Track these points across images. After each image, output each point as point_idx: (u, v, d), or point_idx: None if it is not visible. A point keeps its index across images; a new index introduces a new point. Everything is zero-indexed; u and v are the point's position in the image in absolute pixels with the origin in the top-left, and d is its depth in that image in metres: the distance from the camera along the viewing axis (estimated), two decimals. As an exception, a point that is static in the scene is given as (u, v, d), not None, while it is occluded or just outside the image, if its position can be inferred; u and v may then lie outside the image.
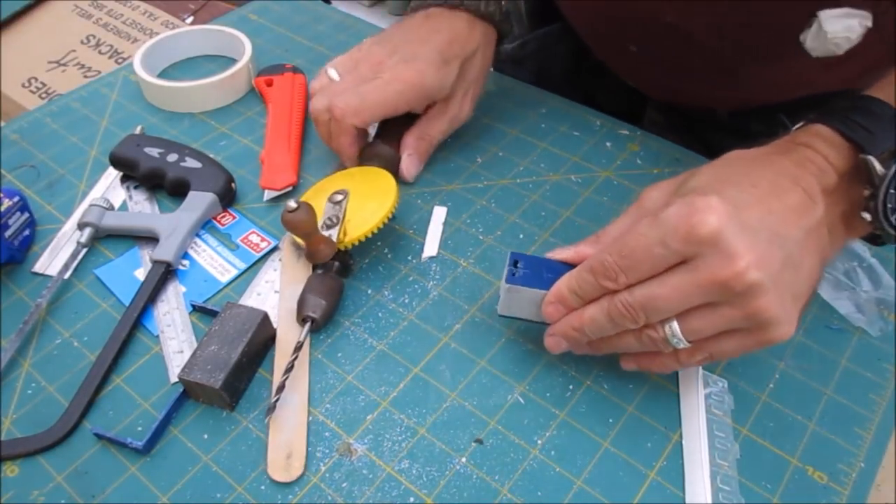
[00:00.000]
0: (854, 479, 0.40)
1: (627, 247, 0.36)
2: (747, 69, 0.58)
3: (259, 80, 0.65)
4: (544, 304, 0.41)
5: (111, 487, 0.39)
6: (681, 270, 0.35)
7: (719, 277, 0.34)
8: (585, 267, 0.38)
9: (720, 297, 0.35)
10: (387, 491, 0.39)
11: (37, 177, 0.57)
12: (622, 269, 0.36)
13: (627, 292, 0.37)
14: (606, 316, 0.38)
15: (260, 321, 0.44)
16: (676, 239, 0.34)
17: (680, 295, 0.35)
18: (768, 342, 0.36)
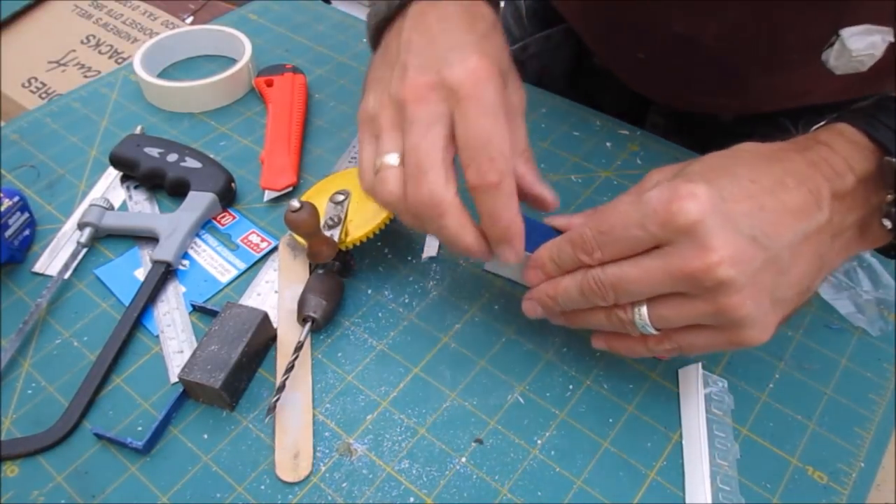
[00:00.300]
0: (854, 479, 0.40)
1: (606, 223, 0.35)
2: (755, 79, 0.58)
3: (259, 80, 0.65)
4: (525, 268, 0.41)
5: (111, 487, 0.39)
6: (654, 255, 0.34)
7: (689, 268, 0.33)
8: (566, 237, 0.38)
9: (690, 288, 0.34)
10: (387, 491, 0.39)
11: (37, 177, 0.57)
12: (598, 244, 0.36)
13: (600, 269, 0.36)
14: (578, 289, 0.37)
15: (260, 321, 0.44)
16: (654, 222, 0.33)
17: (650, 279, 0.34)
18: (739, 343, 0.35)
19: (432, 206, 0.37)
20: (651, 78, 0.65)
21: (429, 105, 0.38)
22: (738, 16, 0.52)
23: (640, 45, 0.60)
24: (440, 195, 0.37)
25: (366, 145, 0.42)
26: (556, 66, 0.72)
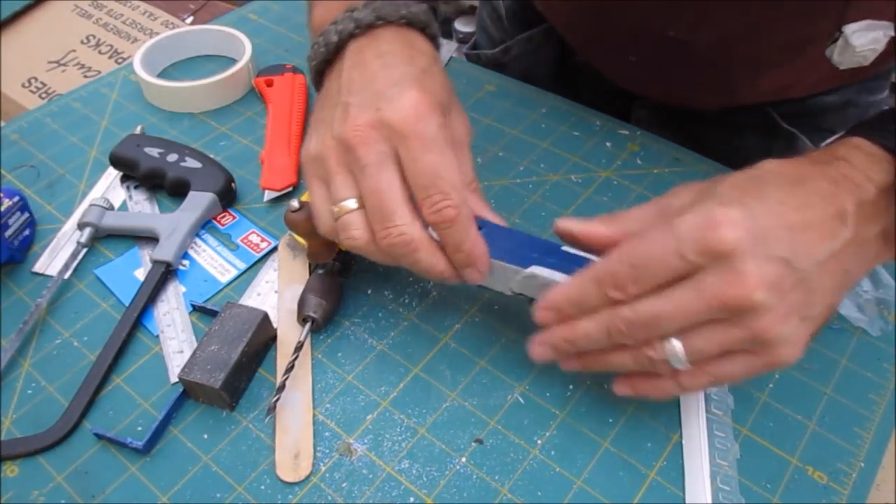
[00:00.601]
0: (854, 479, 0.40)
1: (639, 257, 0.34)
2: (744, 77, 0.59)
3: (259, 80, 0.65)
4: (537, 309, 0.39)
5: (111, 487, 0.39)
6: (689, 286, 0.33)
7: (726, 296, 0.32)
8: (590, 277, 0.36)
9: (724, 315, 0.33)
10: (387, 491, 0.39)
11: (37, 177, 0.57)
12: (633, 279, 0.34)
13: (629, 308, 0.35)
14: (604, 331, 0.36)
15: (260, 321, 0.44)
16: (692, 250, 0.33)
17: (685, 312, 0.34)
18: (774, 364, 0.35)
19: (404, 244, 0.38)
20: (640, 77, 0.66)
21: (375, 145, 0.38)
22: (730, 19, 0.52)
23: (632, 49, 0.60)
24: (410, 234, 0.38)
25: (316, 189, 0.41)
26: (539, 67, 0.72)
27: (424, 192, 0.37)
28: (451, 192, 0.37)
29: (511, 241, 0.41)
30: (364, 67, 0.41)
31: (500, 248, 0.40)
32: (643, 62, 0.61)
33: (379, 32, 0.42)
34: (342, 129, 0.39)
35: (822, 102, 0.64)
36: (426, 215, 0.38)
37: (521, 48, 0.74)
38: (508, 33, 0.76)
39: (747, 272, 0.32)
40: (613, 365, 0.38)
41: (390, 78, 0.39)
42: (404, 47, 0.42)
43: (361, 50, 0.42)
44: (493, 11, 0.77)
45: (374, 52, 0.41)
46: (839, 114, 0.65)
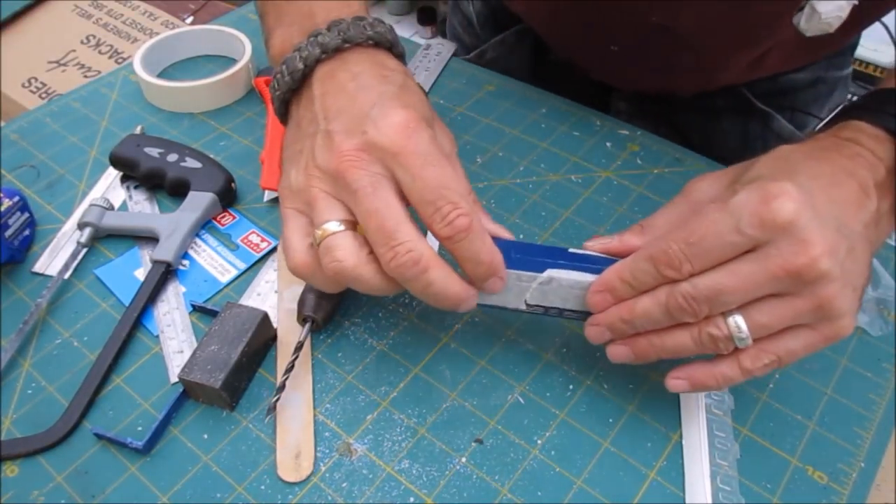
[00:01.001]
0: (854, 479, 0.40)
1: (696, 234, 0.34)
2: (727, 57, 0.59)
3: (259, 80, 0.65)
4: (589, 293, 0.38)
5: (111, 487, 0.39)
6: (751, 258, 0.33)
7: (794, 265, 0.32)
8: (643, 256, 0.36)
9: (790, 286, 0.33)
10: (387, 491, 0.39)
11: (37, 177, 0.57)
12: (688, 257, 0.34)
13: (690, 284, 0.34)
14: (663, 308, 0.35)
15: (260, 321, 0.44)
16: (751, 224, 0.33)
17: (749, 285, 0.33)
18: (834, 337, 0.35)
19: (413, 263, 0.35)
20: (620, 67, 0.66)
21: (367, 167, 0.36)
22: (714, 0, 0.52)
23: (614, 38, 0.61)
24: (419, 250, 0.35)
25: (291, 220, 0.39)
26: (514, 68, 0.72)
27: (432, 207, 0.36)
28: (459, 200, 0.36)
29: (517, 251, 0.40)
30: (339, 91, 0.39)
31: (509, 260, 0.39)
32: (624, 51, 0.61)
33: (346, 55, 0.40)
34: (328, 158, 0.37)
35: (792, 81, 0.66)
36: (438, 230, 0.36)
37: (495, 51, 0.74)
38: (481, 38, 0.76)
39: (812, 241, 0.32)
40: (669, 347, 0.37)
41: (369, 99, 0.38)
42: (375, 67, 0.40)
43: (331, 74, 0.40)
44: (465, 18, 0.78)
45: (347, 75, 0.39)
46: (809, 91, 0.67)
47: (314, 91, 0.40)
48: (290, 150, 0.41)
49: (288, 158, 0.41)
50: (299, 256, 0.38)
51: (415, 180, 0.36)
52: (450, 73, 0.68)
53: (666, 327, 0.37)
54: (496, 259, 0.38)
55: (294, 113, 0.42)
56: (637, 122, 0.63)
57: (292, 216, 0.39)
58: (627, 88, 0.70)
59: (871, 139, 0.38)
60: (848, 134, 0.39)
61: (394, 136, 0.36)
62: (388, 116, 0.36)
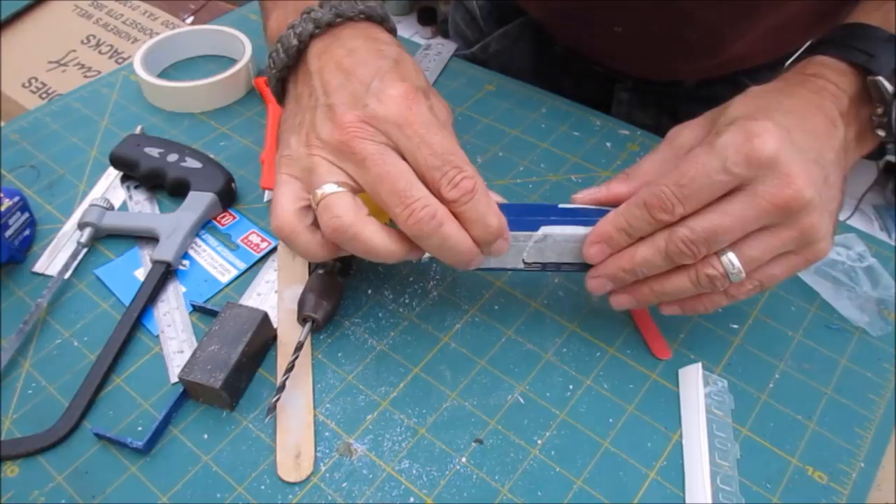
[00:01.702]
0: (854, 479, 0.40)
1: (686, 176, 0.35)
2: (731, 32, 0.59)
3: (259, 80, 0.65)
4: (586, 246, 0.40)
5: (111, 487, 0.39)
6: (740, 197, 0.35)
7: (781, 199, 0.35)
8: (636, 203, 0.37)
9: (777, 219, 0.35)
10: (387, 491, 0.39)
11: (37, 177, 0.57)
12: (680, 199, 0.36)
13: (687, 228, 0.36)
14: (663, 254, 0.37)
15: (260, 321, 0.44)
16: (737, 163, 0.35)
17: (742, 222, 0.35)
18: (813, 260, 0.38)
19: (430, 217, 0.36)
20: (624, 51, 0.66)
21: (372, 137, 0.37)
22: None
23: (618, 19, 0.61)
24: (434, 205, 0.37)
25: (284, 185, 0.39)
26: (517, 60, 0.73)
27: (439, 172, 0.37)
28: (463, 164, 0.37)
29: (509, 212, 0.40)
30: (336, 67, 0.40)
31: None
32: (630, 32, 0.61)
33: (340, 31, 0.42)
34: (330, 130, 0.38)
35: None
36: (445, 194, 0.37)
37: (498, 44, 0.74)
38: (485, 33, 0.76)
39: (795, 173, 0.34)
40: (669, 291, 0.39)
41: (367, 73, 0.39)
42: (370, 42, 0.41)
43: (327, 49, 0.41)
44: (468, 13, 0.78)
45: (342, 51, 0.40)
46: None
47: (311, 66, 0.41)
48: (290, 123, 0.42)
49: (287, 130, 0.42)
50: (284, 216, 0.39)
51: (419, 147, 0.37)
52: (450, 73, 0.68)
53: (664, 272, 0.39)
54: (502, 220, 0.39)
55: (292, 90, 0.43)
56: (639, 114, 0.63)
57: (285, 181, 0.40)
58: (631, 75, 0.70)
59: (835, 72, 0.40)
60: (813, 69, 0.41)
61: (395, 108, 0.37)
62: (388, 89, 0.38)
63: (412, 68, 0.41)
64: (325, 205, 0.37)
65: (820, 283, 0.49)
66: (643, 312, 0.47)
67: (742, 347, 0.46)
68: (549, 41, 0.72)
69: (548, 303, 0.48)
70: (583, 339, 0.46)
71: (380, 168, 0.37)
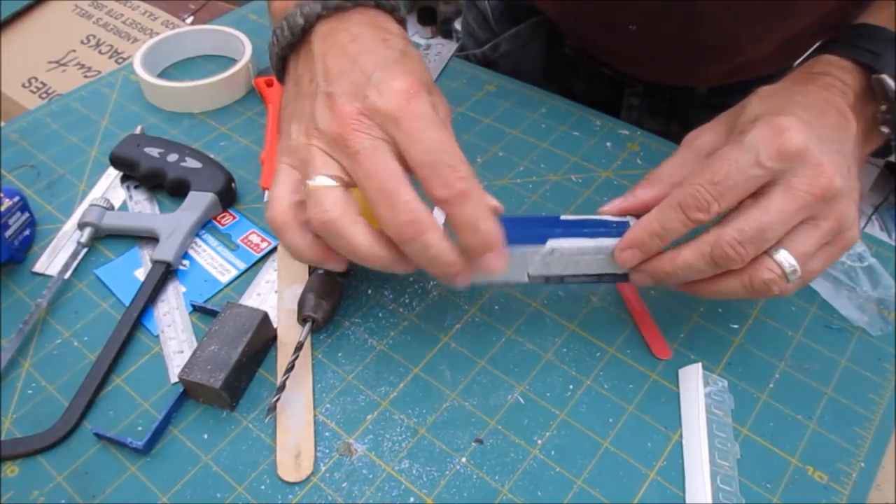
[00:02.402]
0: (854, 479, 0.40)
1: (719, 173, 0.36)
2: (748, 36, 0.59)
3: (259, 80, 0.65)
4: (618, 251, 0.39)
5: (111, 487, 0.39)
6: (777, 192, 0.35)
7: (818, 187, 0.35)
8: (669, 205, 0.37)
9: (816, 209, 0.36)
10: (387, 491, 0.39)
11: (37, 177, 0.57)
12: (715, 196, 0.36)
13: (733, 229, 0.36)
14: (708, 259, 0.37)
15: (260, 321, 0.44)
16: (769, 157, 0.35)
17: (786, 216, 0.35)
18: (846, 248, 0.38)
19: (413, 223, 0.35)
20: (638, 52, 0.65)
21: (368, 131, 0.36)
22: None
23: (632, 17, 0.60)
24: (419, 210, 0.36)
25: (282, 175, 0.39)
26: (528, 61, 0.72)
27: (431, 170, 0.35)
28: (459, 164, 0.36)
29: (513, 225, 0.39)
30: (340, 53, 0.39)
31: (507, 236, 0.38)
32: (644, 30, 0.61)
33: (348, 15, 0.40)
34: (329, 121, 0.37)
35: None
36: (437, 192, 0.35)
37: (509, 44, 0.74)
38: (496, 33, 0.76)
39: (825, 163, 0.35)
40: (718, 294, 0.39)
41: (370, 63, 0.38)
42: (376, 31, 0.40)
43: (332, 33, 0.40)
44: (479, 14, 0.78)
45: (348, 36, 0.39)
46: None
47: (314, 49, 0.40)
48: (290, 109, 0.41)
49: (287, 117, 0.41)
50: (280, 207, 0.38)
51: (414, 143, 0.36)
52: (450, 73, 0.68)
53: (713, 277, 0.38)
54: (496, 231, 0.37)
55: (292, 70, 0.42)
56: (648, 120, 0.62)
57: (284, 170, 0.39)
58: (643, 79, 0.70)
59: (841, 70, 0.42)
60: (820, 68, 0.42)
61: (395, 102, 0.36)
62: (390, 82, 0.36)
63: (417, 62, 0.40)
64: (315, 197, 0.37)
65: (820, 283, 0.49)
66: (643, 312, 0.47)
67: (742, 347, 0.46)
68: (559, 43, 0.72)
69: (548, 303, 0.48)
70: (583, 339, 0.46)
71: (370, 165, 0.36)
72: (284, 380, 0.41)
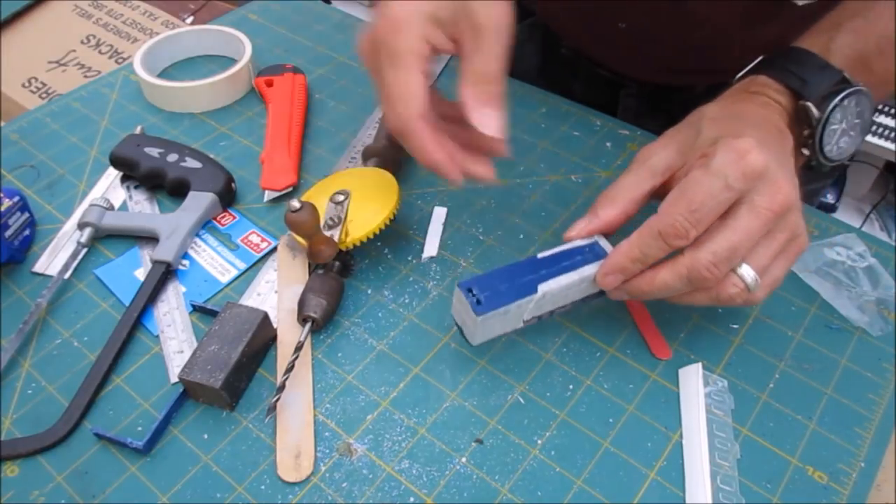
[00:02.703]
0: (854, 479, 0.40)
1: (695, 201, 0.38)
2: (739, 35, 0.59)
3: (259, 80, 0.65)
4: (600, 276, 0.41)
5: (111, 487, 0.39)
6: (742, 211, 0.38)
7: (776, 205, 0.38)
8: (649, 234, 0.39)
9: (775, 223, 0.38)
10: (387, 491, 0.39)
11: (37, 177, 0.57)
12: (693, 224, 0.38)
13: (707, 252, 0.38)
14: (684, 280, 0.39)
15: (260, 321, 0.44)
16: (738, 179, 0.37)
17: (751, 234, 0.38)
18: (799, 253, 0.41)
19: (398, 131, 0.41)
20: (630, 51, 0.65)
21: (370, 56, 0.42)
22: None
23: (622, 16, 0.61)
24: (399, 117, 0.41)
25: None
26: (524, 62, 0.72)
27: (383, 105, 0.41)
28: (399, 106, 0.40)
29: (500, 280, 0.41)
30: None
31: (498, 296, 0.40)
32: (633, 28, 0.61)
33: None
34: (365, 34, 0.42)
35: None
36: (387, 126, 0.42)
37: None
38: None
39: (781, 180, 0.38)
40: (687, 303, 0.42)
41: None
42: None
43: None
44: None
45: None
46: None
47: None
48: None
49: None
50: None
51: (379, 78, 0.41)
52: (450, 73, 0.68)
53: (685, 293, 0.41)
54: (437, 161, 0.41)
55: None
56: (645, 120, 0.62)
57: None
58: (638, 78, 0.70)
59: (775, 92, 0.44)
60: (756, 88, 0.45)
61: (382, 30, 0.40)
62: (390, 7, 0.40)
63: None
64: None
65: (820, 283, 0.49)
66: (643, 312, 0.47)
67: (742, 347, 0.46)
68: (555, 44, 0.72)
69: (548, 303, 0.48)
70: (583, 339, 0.46)
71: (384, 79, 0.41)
72: (284, 380, 0.41)
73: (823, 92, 0.43)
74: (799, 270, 0.50)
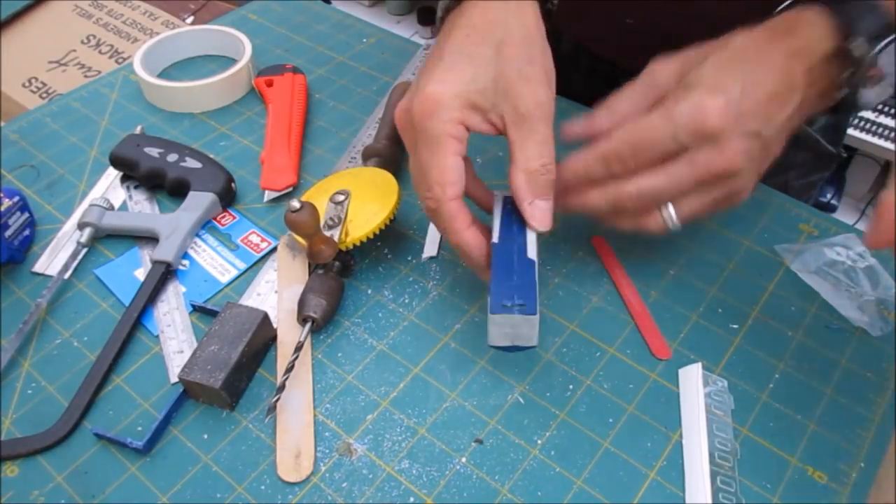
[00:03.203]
0: (854, 479, 0.40)
1: (643, 140, 0.40)
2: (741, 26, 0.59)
3: (259, 80, 0.65)
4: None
5: (111, 487, 0.39)
6: (682, 163, 0.40)
7: (715, 169, 0.39)
8: (596, 155, 0.42)
9: (712, 183, 0.40)
10: (387, 491, 0.39)
11: (37, 177, 0.57)
12: (633, 157, 0.40)
13: (634, 186, 0.41)
14: (610, 204, 0.42)
15: (260, 321, 0.44)
16: (685, 133, 0.39)
17: (681, 185, 0.40)
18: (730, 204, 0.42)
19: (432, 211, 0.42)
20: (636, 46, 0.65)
21: (406, 132, 0.43)
22: None
23: (629, 10, 0.61)
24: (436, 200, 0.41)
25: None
26: None
27: (416, 184, 0.43)
28: (434, 187, 0.41)
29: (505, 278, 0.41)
30: (444, 39, 0.43)
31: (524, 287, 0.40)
32: (641, 23, 0.61)
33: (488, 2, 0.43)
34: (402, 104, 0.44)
35: None
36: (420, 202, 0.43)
37: None
38: None
39: (731, 148, 0.39)
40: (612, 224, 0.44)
41: (443, 62, 0.41)
42: (494, 26, 0.42)
43: (463, 13, 0.43)
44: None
45: (465, 24, 0.42)
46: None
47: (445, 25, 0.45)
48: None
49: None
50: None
51: (414, 158, 0.43)
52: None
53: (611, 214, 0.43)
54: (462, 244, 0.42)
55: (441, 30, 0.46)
56: None
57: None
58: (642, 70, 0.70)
59: (811, 26, 0.42)
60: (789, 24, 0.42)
61: (418, 110, 0.41)
62: (425, 90, 0.41)
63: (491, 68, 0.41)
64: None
65: (820, 283, 0.49)
66: (643, 312, 0.47)
67: (742, 347, 0.46)
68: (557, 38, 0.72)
69: (548, 303, 0.48)
70: (583, 339, 0.46)
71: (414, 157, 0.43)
72: (284, 380, 0.41)
73: (872, 32, 0.41)
74: (799, 270, 0.50)
